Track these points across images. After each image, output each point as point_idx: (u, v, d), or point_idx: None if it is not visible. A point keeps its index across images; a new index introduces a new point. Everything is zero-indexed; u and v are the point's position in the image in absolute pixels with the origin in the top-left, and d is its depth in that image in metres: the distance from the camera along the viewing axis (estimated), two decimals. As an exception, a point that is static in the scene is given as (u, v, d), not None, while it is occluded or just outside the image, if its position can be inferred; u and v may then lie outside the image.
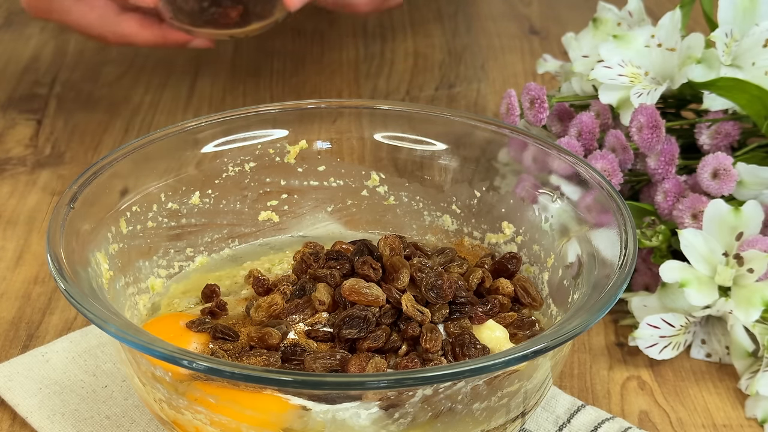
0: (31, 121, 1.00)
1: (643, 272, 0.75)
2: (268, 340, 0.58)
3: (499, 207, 0.69)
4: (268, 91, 1.06)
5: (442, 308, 0.59)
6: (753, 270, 0.68)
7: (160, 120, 1.00)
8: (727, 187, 0.71)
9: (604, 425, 0.65)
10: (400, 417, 0.53)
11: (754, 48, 0.75)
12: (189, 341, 0.60)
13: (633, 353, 0.72)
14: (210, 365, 0.50)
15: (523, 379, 0.56)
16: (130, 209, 0.65)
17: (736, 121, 0.76)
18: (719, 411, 0.68)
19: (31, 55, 1.11)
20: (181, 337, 0.60)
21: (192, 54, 1.12)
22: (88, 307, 0.54)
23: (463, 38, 1.17)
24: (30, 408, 0.66)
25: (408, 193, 0.72)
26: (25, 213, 0.86)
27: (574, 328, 0.53)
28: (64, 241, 0.58)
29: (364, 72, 1.09)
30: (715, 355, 0.72)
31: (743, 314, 0.68)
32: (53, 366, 0.69)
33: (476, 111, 1.02)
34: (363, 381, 0.50)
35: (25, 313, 0.75)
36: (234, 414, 0.54)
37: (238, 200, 0.71)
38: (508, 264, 0.66)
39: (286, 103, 0.71)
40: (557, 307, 0.64)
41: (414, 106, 0.72)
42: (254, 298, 0.63)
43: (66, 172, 0.92)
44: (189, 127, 0.69)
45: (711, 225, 0.69)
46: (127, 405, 0.66)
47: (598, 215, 0.63)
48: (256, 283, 0.63)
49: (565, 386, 0.69)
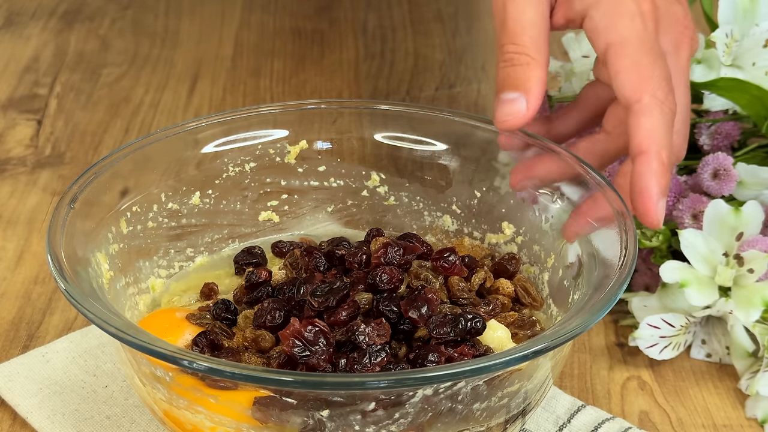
0: (31, 121, 1.00)
1: (643, 272, 0.75)
2: (261, 343, 0.58)
3: (499, 207, 0.69)
4: (268, 91, 1.06)
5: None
6: (753, 270, 0.68)
7: (160, 120, 1.00)
8: (727, 188, 0.71)
9: (604, 425, 0.65)
10: (400, 417, 0.53)
11: (754, 48, 0.75)
12: (183, 332, 0.60)
13: (633, 353, 0.72)
14: (210, 365, 0.50)
15: (524, 379, 0.56)
16: (131, 209, 0.65)
17: (737, 122, 0.76)
18: (719, 411, 0.68)
19: (31, 55, 1.11)
20: (177, 328, 0.61)
21: (192, 54, 1.12)
22: (88, 307, 0.54)
23: (463, 38, 1.17)
24: (30, 408, 0.66)
25: (408, 193, 0.72)
26: (26, 213, 0.86)
27: (574, 329, 0.53)
28: (65, 241, 0.58)
29: (364, 72, 1.09)
30: (716, 355, 0.72)
31: (743, 314, 0.68)
32: (53, 366, 0.69)
33: (476, 111, 1.02)
34: (363, 381, 0.50)
35: (26, 313, 0.75)
36: (234, 414, 0.54)
37: (239, 200, 0.71)
38: (508, 265, 0.66)
39: (286, 103, 0.71)
40: (557, 308, 0.64)
41: (414, 106, 0.72)
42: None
43: (66, 172, 0.92)
44: (189, 127, 0.69)
45: (711, 225, 0.69)
46: (127, 405, 0.66)
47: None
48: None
49: (566, 386, 0.69)
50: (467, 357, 0.56)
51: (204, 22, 1.20)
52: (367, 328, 0.56)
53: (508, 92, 0.64)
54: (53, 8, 1.22)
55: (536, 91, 0.64)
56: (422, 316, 0.57)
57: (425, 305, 0.57)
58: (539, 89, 0.64)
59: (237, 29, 1.18)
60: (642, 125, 0.62)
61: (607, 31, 0.64)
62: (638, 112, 0.62)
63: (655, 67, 0.63)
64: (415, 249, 0.62)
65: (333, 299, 0.58)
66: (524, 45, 0.64)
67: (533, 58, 0.64)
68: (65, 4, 1.23)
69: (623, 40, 0.63)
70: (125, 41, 1.15)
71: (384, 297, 0.59)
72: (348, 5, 1.23)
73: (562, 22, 0.66)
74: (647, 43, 0.63)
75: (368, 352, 0.55)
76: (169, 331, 0.61)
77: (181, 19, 1.20)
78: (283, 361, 0.57)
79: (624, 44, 0.63)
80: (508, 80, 0.64)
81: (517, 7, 0.65)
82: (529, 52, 0.64)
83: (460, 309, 0.59)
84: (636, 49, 0.63)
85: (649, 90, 0.62)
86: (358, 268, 0.62)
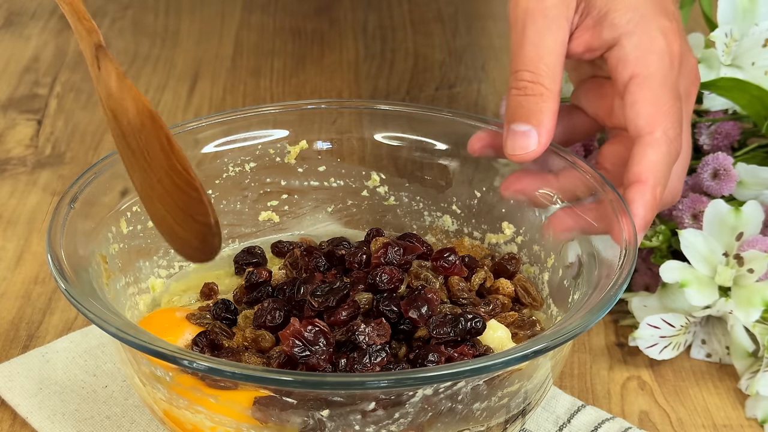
0: (31, 121, 1.00)
1: (643, 272, 0.75)
2: (261, 343, 0.58)
3: (499, 207, 0.69)
4: (268, 91, 1.06)
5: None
6: (753, 270, 0.68)
7: (160, 120, 1.00)
8: (727, 188, 0.71)
9: (604, 425, 0.65)
10: (400, 417, 0.53)
11: (753, 48, 0.75)
12: (183, 332, 0.60)
13: (633, 353, 0.72)
14: (210, 365, 0.50)
15: (524, 379, 0.56)
16: (131, 209, 0.65)
17: (736, 122, 0.76)
18: (719, 411, 0.68)
19: (31, 55, 1.11)
20: (177, 328, 0.61)
21: (192, 54, 1.12)
22: (88, 307, 0.54)
23: (463, 38, 1.17)
24: (30, 408, 0.66)
25: (408, 193, 0.72)
26: (26, 213, 0.86)
27: (574, 328, 0.53)
28: (65, 241, 0.58)
29: (364, 72, 1.09)
30: (716, 355, 0.72)
31: (743, 314, 0.68)
32: (53, 366, 0.69)
33: (476, 111, 1.02)
34: (363, 381, 0.50)
35: (26, 313, 0.75)
36: (234, 414, 0.54)
37: (239, 200, 0.71)
38: (507, 265, 0.66)
39: (286, 103, 0.71)
40: (557, 307, 0.64)
41: (414, 106, 0.72)
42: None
43: (66, 172, 0.92)
44: (189, 127, 0.69)
45: (711, 225, 0.69)
46: (127, 405, 0.66)
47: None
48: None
49: (566, 386, 0.69)
50: (467, 357, 0.56)
51: (204, 22, 1.20)
52: (367, 328, 0.56)
53: (519, 123, 0.63)
54: (53, 8, 1.21)
55: (548, 125, 0.63)
56: (422, 316, 0.57)
57: (425, 305, 0.57)
58: (551, 123, 0.63)
59: (237, 29, 1.18)
60: (647, 156, 0.62)
61: (636, 63, 0.63)
62: (647, 144, 0.62)
63: (673, 107, 0.63)
64: (415, 249, 0.62)
65: (333, 299, 0.58)
66: (540, 74, 0.63)
67: (547, 89, 0.63)
68: (65, 4, 1.23)
69: (650, 74, 0.63)
70: (125, 41, 1.15)
71: (384, 297, 0.59)
72: (348, 5, 1.23)
73: (581, 50, 0.65)
74: (670, 82, 0.63)
75: (368, 352, 0.55)
76: (169, 331, 0.61)
77: (181, 19, 1.20)
78: (283, 361, 0.57)
79: (649, 78, 0.63)
80: (520, 110, 0.63)
81: (538, 32, 0.63)
82: (543, 81, 0.63)
83: (460, 309, 0.59)
84: (659, 84, 0.63)
85: (663, 125, 0.62)
86: (358, 268, 0.62)
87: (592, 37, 0.64)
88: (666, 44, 0.64)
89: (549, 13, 0.63)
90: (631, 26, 0.64)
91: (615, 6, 0.64)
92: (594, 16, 0.64)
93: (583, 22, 0.65)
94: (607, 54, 0.65)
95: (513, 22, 0.64)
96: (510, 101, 0.64)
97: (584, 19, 0.65)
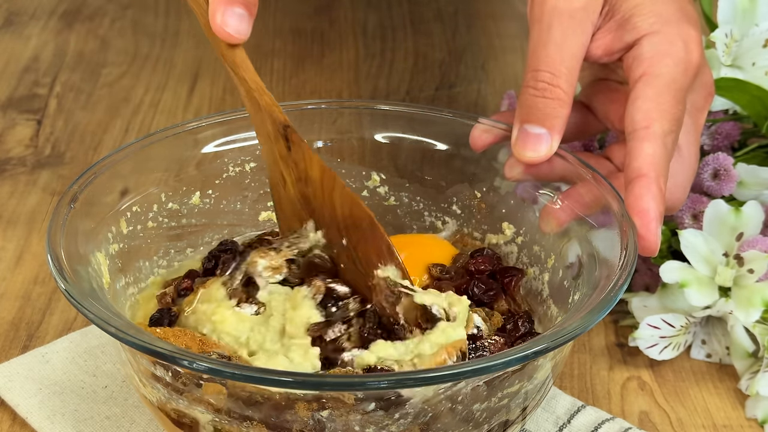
0: (31, 121, 1.00)
1: (644, 272, 0.75)
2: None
3: (499, 207, 0.69)
4: (268, 91, 1.06)
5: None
6: (753, 270, 0.68)
7: (160, 120, 1.00)
8: (727, 188, 0.71)
9: (604, 426, 0.65)
10: (400, 417, 0.53)
11: (754, 48, 0.75)
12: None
13: (633, 354, 0.72)
14: (210, 365, 0.50)
15: (524, 379, 0.56)
16: (131, 209, 0.65)
17: (737, 122, 0.76)
18: (719, 411, 0.68)
19: (31, 55, 1.11)
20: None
21: (192, 54, 1.12)
22: (88, 307, 0.54)
23: (463, 38, 1.17)
24: (30, 408, 0.66)
25: (408, 193, 0.72)
26: (25, 213, 0.86)
27: (574, 329, 0.53)
28: (65, 241, 0.58)
29: (364, 72, 1.09)
30: (716, 355, 0.72)
31: (743, 315, 0.68)
32: (53, 366, 0.69)
33: (476, 111, 1.02)
34: (363, 381, 0.50)
35: (25, 314, 0.75)
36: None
37: (239, 200, 0.71)
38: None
39: (286, 103, 0.71)
40: (557, 308, 0.64)
41: (414, 106, 0.72)
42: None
43: (66, 172, 0.92)
44: (189, 127, 0.69)
45: (711, 225, 0.69)
46: (127, 405, 0.66)
47: (599, 215, 0.63)
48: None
49: (566, 387, 0.69)
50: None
51: (204, 22, 1.20)
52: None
53: (533, 125, 0.62)
54: (53, 8, 1.21)
55: (561, 131, 0.62)
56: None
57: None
58: (564, 128, 0.63)
59: (237, 29, 1.18)
60: (644, 150, 0.61)
61: (650, 63, 0.63)
62: (642, 138, 0.61)
63: (673, 107, 0.62)
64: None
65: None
66: (560, 77, 0.62)
67: (565, 92, 0.62)
68: (65, 4, 1.23)
69: (659, 75, 0.62)
70: (125, 41, 1.15)
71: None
72: (348, 5, 1.23)
73: (599, 53, 0.64)
74: (678, 86, 0.63)
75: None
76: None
77: (181, 19, 1.20)
78: None
79: (658, 78, 0.62)
80: (536, 112, 0.62)
81: (564, 33, 0.62)
82: (562, 85, 0.62)
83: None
84: (665, 85, 0.62)
85: (659, 121, 0.62)
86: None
87: (613, 40, 0.64)
88: (685, 52, 0.63)
89: (576, 14, 0.62)
90: (654, 29, 0.63)
91: (640, 11, 0.63)
92: (617, 19, 0.64)
93: (605, 25, 0.64)
94: (625, 55, 0.64)
95: (537, 18, 0.63)
96: (525, 100, 0.63)
97: (607, 22, 0.64)
